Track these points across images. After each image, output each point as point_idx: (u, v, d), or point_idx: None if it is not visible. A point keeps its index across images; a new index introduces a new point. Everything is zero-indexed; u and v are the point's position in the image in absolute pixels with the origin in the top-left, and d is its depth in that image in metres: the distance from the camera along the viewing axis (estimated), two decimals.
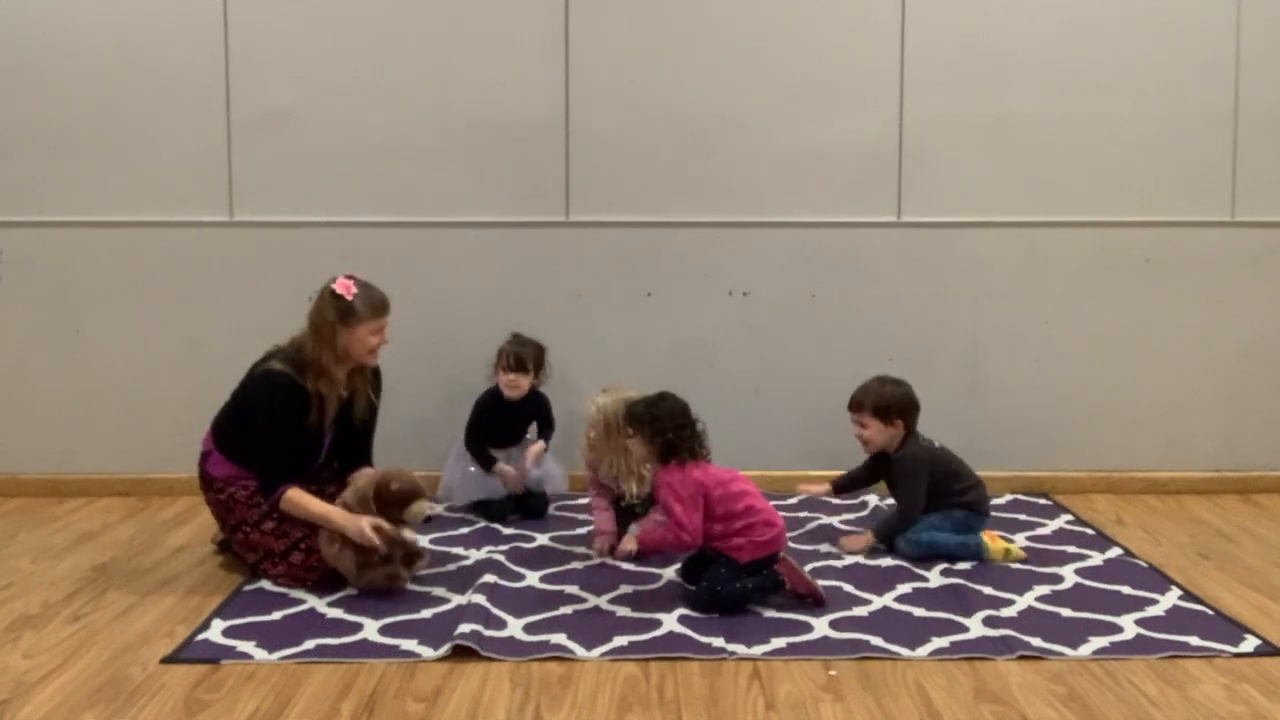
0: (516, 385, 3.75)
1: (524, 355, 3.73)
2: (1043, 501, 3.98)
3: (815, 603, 2.95)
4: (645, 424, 3.01)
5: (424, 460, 3.96)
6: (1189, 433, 4.13)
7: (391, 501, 3.06)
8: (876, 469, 3.53)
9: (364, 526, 2.99)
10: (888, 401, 3.40)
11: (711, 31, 4.00)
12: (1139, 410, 4.12)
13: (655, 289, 4.09)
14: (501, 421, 3.81)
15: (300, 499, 3.07)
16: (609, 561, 3.32)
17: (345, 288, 3.13)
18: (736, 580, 2.92)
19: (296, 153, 4.00)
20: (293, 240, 4.01)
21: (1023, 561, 3.28)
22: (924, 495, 3.36)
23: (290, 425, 3.11)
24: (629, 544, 3.33)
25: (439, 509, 3.72)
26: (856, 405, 3.46)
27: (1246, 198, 4.04)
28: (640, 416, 3.03)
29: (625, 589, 3.08)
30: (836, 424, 4.05)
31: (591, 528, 3.50)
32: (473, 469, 3.79)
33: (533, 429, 3.87)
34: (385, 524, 3.02)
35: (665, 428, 2.98)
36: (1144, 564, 3.30)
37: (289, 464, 3.13)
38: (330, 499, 3.13)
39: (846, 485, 3.61)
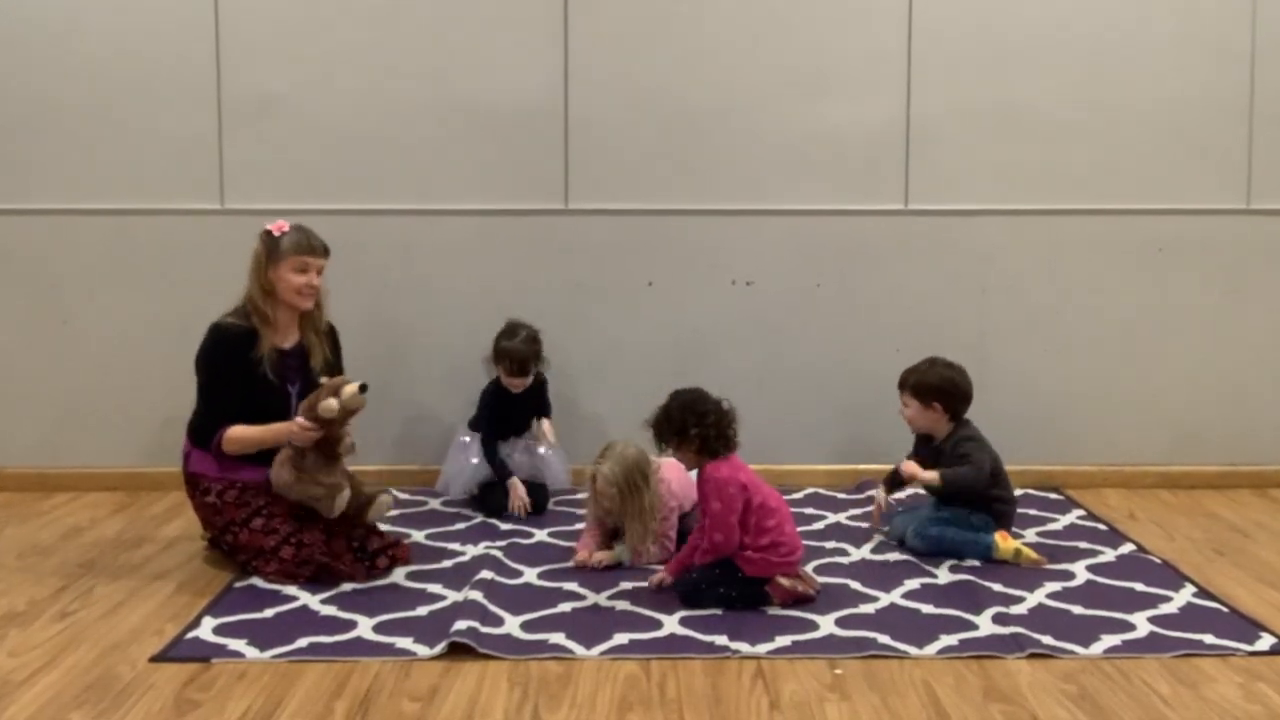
0: (521, 385, 3.74)
1: (526, 357, 3.69)
2: (1054, 496, 3.93)
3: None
4: (674, 434, 2.94)
5: (422, 452, 3.93)
6: (1203, 426, 4.07)
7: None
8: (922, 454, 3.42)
9: (294, 427, 3.04)
10: (928, 383, 3.37)
11: (714, 16, 3.94)
12: (1152, 403, 4.07)
13: (656, 278, 4.03)
14: (507, 413, 3.78)
15: (240, 431, 3.11)
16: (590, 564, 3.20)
17: (279, 227, 3.19)
18: (724, 586, 2.88)
19: (289, 139, 3.94)
20: None
21: (1038, 565, 3.19)
22: (988, 463, 3.28)
23: (233, 370, 3.12)
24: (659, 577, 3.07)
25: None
26: (902, 383, 3.45)
27: (1262, 185, 3.98)
28: (669, 426, 2.95)
29: (625, 586, 3.04)
30: (841, 416, 4.03)
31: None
32: (475, 460, 3.74)
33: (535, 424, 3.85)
34: (308, 421, 3.05)
35: (693, 430, 2.90)
36: (1157, 560, 3.26)
37: (234, 411, 3.11)
38: None
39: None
